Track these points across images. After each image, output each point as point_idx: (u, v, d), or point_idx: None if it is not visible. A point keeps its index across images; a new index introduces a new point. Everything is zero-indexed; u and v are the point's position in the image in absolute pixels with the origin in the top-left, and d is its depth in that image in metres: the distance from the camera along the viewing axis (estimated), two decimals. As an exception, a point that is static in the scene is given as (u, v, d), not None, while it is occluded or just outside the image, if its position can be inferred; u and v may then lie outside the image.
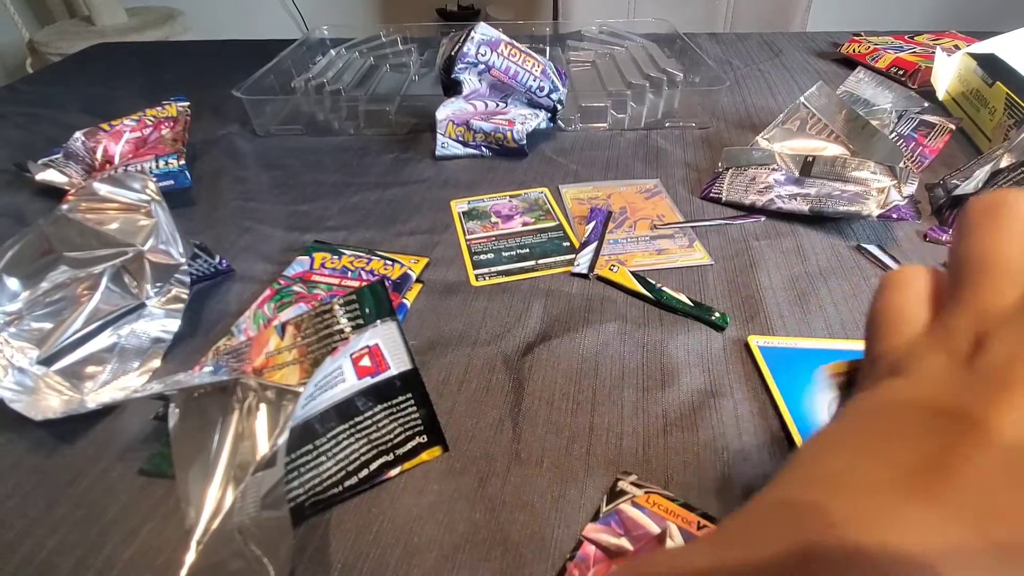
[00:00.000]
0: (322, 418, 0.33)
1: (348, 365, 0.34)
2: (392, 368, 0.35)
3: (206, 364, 0.39)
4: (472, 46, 0.63)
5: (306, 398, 0.31)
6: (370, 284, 0.38)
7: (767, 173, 0.56)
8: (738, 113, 0.75)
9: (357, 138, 0.71)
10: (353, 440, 0.33)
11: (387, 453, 0.33)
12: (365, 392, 0.34)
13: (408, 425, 0.34)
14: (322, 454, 0.32)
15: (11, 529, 0.30)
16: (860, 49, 0.87)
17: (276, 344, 0.37)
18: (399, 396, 0.34)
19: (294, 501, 0.31)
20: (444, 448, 0.34)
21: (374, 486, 0.32)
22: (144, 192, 0.44)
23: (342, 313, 0.37)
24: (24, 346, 0.38)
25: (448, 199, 0.58)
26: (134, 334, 0.40)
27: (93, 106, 0.80)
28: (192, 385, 0.33)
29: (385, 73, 0.85)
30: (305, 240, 0.52)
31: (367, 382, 0.34)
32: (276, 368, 0.36)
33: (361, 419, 0.33)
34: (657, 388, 0.37)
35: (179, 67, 0.96)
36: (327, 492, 0.31)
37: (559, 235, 0.52)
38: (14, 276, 0.40)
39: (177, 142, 0.63)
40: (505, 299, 0.45)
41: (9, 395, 0.35)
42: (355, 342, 0.34)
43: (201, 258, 0.45)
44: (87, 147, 0.62)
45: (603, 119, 0.71)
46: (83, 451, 0.34)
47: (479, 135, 0.64)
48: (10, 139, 0.72)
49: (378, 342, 0.35)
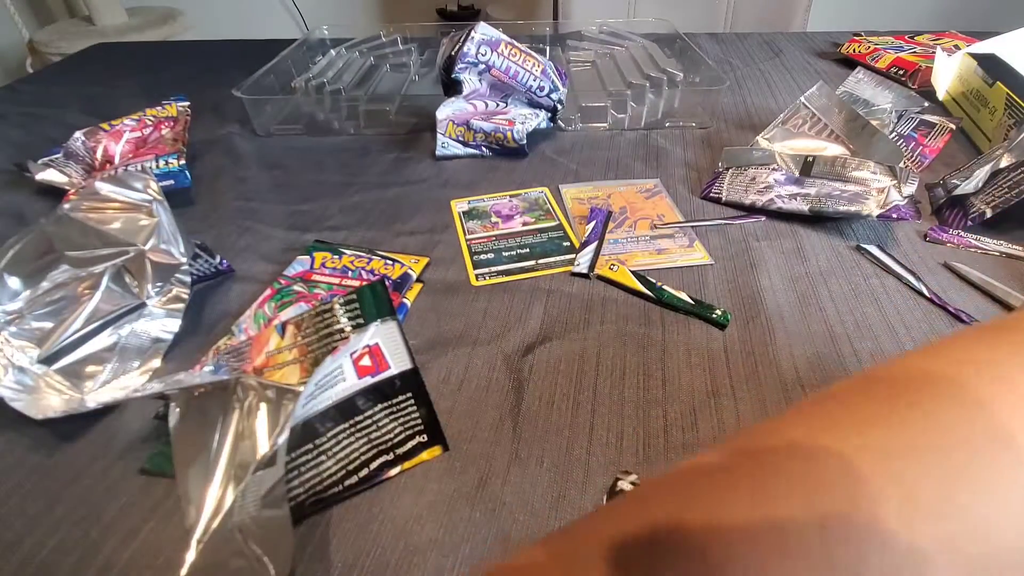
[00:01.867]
0: (322, 417, 0.33)
1: (348, 364, 0.34)
2: (392, 367, 0.35)
3: (206, 363, 0.39)
4: (472, 46, 0.63)
5: (306, 397, 0.31)
6: (370, 284, 0.38)
7: (767, 173, 0.56)
8: (738, 113, 0.75)
9: (357, 138, 0.71)
10: (353, 439, 0.33)
11: (387, 452, 0.33)
12: (365, 391, 0.34)
13: (408, 424, 0.34)
14: (322, 453, 0.32)
15: (11, 528, 0.30)
16: (860, 49, 0.87)
17: (276, 343, 0.37)
18: (399, 396, 0.34)
19: (295, 500, 0.31)
20: (444, 448, 0.34)
21: (374, 485, 0.32)
22: (146, 192, 0.44)
23: (342, 312, 0.37)
24: (25, 345, 0.38)
25: (448, 199, 0.58)
26: (134, 334, 0.40)
27: (93, 106, 0.80)
28: (193, 384, 0.33)
29: (385, 73, 0.85)
30: (305, 240, 0.52)
31: (367, 381, 0.34)
32: (276, 367, 0.36)
33: (361, 418, 0.33)
34: (657, 387, 0.37)
35: (179, 67, 0.96)
36: (328, 491, 0.31)
37: (559, 235, 0.52)
38: (15, 275, 0.40)
39: (177, 142, 0.63)
40: (505, 299, 0.45)
41: (9, 394, 0.35)
42: (355, 341, 0.34)
43: (202, 258, 0.45)
44: (87, 147, 0.62)
45: (603, 119, 0.71)
46: (84, 450, 0.34)
47: (479, 135, 0.64)
48: (10, 139, 0.72)
49: (378, 341, 0.35)
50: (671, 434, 0.34)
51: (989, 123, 0.62)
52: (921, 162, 0.60)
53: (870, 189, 0.51)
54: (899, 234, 0.51)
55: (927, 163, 0.60)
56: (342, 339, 0.36)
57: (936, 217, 0.53)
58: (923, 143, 0.61)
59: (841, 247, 0.49)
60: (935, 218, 0.53)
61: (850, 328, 0.41)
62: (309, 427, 0.32)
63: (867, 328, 0.41)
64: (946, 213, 0.53)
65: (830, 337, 0.41)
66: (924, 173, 0.59)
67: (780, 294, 0.44)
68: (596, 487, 0.32)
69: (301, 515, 0.31)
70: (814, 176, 0.55)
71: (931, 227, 0.51)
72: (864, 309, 0.43)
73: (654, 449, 0.34)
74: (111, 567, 0.29)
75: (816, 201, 0.52)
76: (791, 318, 0.42)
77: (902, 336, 0.40)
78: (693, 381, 0.38)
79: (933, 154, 0.60)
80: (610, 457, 0.33)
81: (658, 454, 0.33)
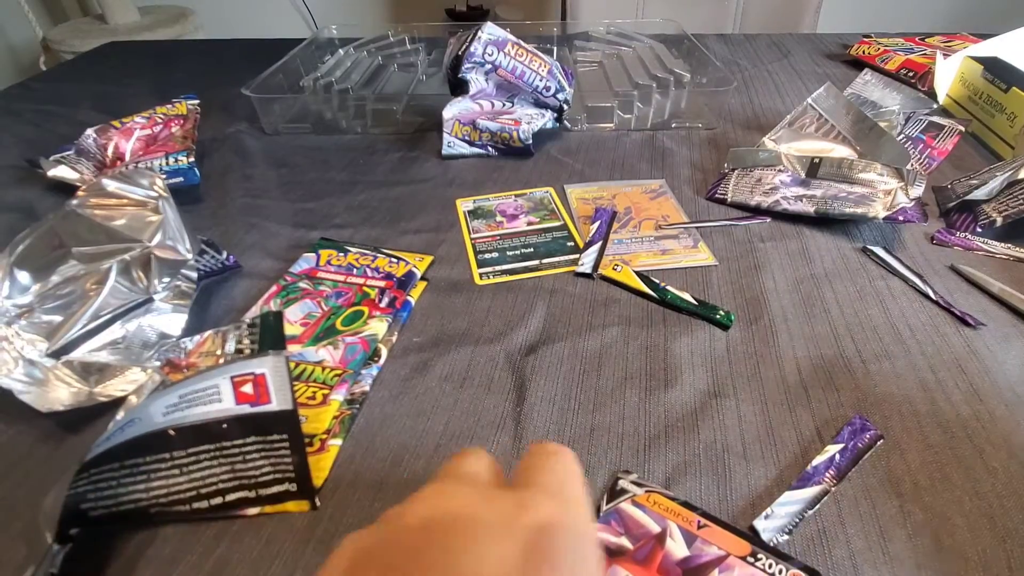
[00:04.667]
0: (186, 430, 0.31)
1: (227, 386, 0.32)
2: (274, 403, 0.32)
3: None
4: (479, 46, 0.63)
5: (168, 406, 0.30)
6: (265, 314, 0.38)
7: (773, 174, 0.56)
8: (745, 114, 0.74)
9: (364, 137, 0.71)
10: (216, 463, 0.31)
11: (249, 489, 0.31)
12: (241, 419, 0.31)
13: (279, 467, 0.32)
14: (176, 467, 0.31)
15: (21, 519, 0.31)
16: (870, 51, 0.86)
17: (209, 346, 0.37)
18: (275, 434, 0.32)
19: (135, 504, 0.30)
20: (312, 506, 0.31)
21: (225, 518, 0.31)
22: (152, 188, 0.45)
23: (247, 333, 0.37)
24: (34, 338, 0.38)
25: (454, 198, 0.58)
26: (141, 328, 0.40)
27: (104, 104, 0.81)
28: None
29: (393, 72, 0.85)
30: (312, 237, 0.52)
31: (244, 409, 0.32)
32: (193, 370, 0.36)
33: (229, 445, 0.31)
34: (659, 388, 0.37)
35: (189, 65, 0.96)
36: (172, 507, 0.30)
37: (564, 235, 0.52)
38: (25, 270, 0.40)
39: (187, 140, 0.63)
40: (509, 298, 0.45)
41: (19, 387, 0.35)
42: (241, 365, 0.32)
43: (208, 254, 0.45)
44: (98, 144, 0.63)
45: (609, 119, 0.71)
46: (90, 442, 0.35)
47: (485, 134, 0.64)
48: (23, 136, 0.73)
49: (266, 372, 0.32)
50: (672, 434, 0.34)
51: (1009, 129, 0.61)
52: (929, 164, 0.59)
53: (877, 191, 0.51)
54: (905, 236, 0.50)
55: (935, 165, 0.59)
56: (243, 358, 0.35)
57: (944, 220, 0.53)
58: (932, 145, 0.61)
59: (847, 249, 0.49)
60: (942, 221, 0.53)
61: (855, 330, 0.41)
62: (167, 436, 0.31)
63: (872, 330, 0.41)
64: (954, 217, 0.52)
65: (834, 339, 0.40)
66: (933, 175, 0.58)
67: (784, 295, 0.44)
68: (596, 487, 0.32)
69: (139, 522, 0.30)
70: (820, 178, 0.54)
71: (938, 229, 0.51)
72: (869, 311, 0.43)
73: (655, 450, 0.34)
74: (115, 558, 0.29)
75: (822, 203, 0.51)
76: (795, 320, 0.42)
77: (907, 339, 0.40)
78: (695, 382, 0.38)
79: (942, 156, 0.60)
80: (611, 457, 0.33)
81: (659, 455, 0.33)
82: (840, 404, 0.36)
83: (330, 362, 0.39)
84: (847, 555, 0.28)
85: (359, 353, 0.39)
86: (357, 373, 0.38)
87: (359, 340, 0.40)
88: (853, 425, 0.34)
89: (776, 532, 0.29)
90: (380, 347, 0.40)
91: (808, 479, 0.31)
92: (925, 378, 0.37)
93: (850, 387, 0.37)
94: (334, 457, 0.34)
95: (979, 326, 0.41)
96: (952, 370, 0.38)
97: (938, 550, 0.28)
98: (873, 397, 0.36)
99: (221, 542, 0.30)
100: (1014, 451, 0.33)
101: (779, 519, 0.30)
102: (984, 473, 0.32)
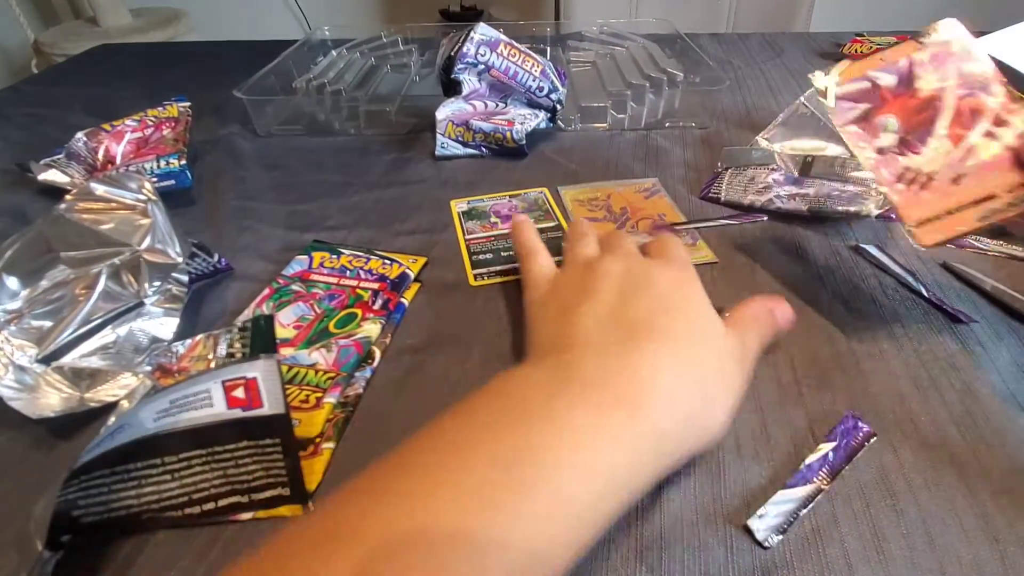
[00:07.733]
0: (178, 436, 0.31)
1: (219, 391, 0.32)
2: (266, 407, 0.32)
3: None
4: (471, 46, 0.63)
5: (158, 412, 0.30)
6: (257, 317, 0.37)
7: (766, 173, 0.56)
8: (738, 113, 0.74)
9: (357, 138, 0.71)
10: (208, 469, 0.31)
11: (242, 494, 0.31)
12: (232, 423, 0.31)
13: (272, 472, 0.32)
14: (168, 472, 0.30)
15: (12, 526, 0.31)
16: (863, 49, 0.86)
17: (200, 350, 0.37)
18: (267, 438, 0.32)
19: (127, 510, 0.30)
20: (305, 510, 0.31)
21: (218, 523, 0.31)
22: (141, 192, 0.45)
23: (238, 337, 0.37)
24: (24, 344, 0.38)
25: (447, 199, 0.58)
26: (132, 333, 0.40)
27: (95, 107, 0.80)
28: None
29: (386, 74, 0.85)
30: (305, 239, 0.52)
31: (236, 414, 0.31)
32: (184, 374, 0.36)
33: (221, 450, 0.31)
34: (653, 388, 0.37)
35: (181, 68, 0.96)
36: (164, 513, 0.30)
37: (558, 235, 0.52)
38: (14, 275, 0.40)
39: (178, 142, 0.63)
40: (504, 299, 0.45)
41: (10, 393, 0.35)
42: (232, 369, 0.32)
43: (200, 257, 0.45)
44: (89, 147, 0.63)
45: (603, 119, 0.71)
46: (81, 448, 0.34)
47: (479, 135, 0.64)
48: (13, 139, 0.73)
49: (257, 376, 0.32)
50: (667, 434, 0.34)
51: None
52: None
53: (869, 189, 0.51)
54: (898, 234, 0.50)
55: (928, 163, 0.59)
56: (234, 363, 0.35)
57: (936, 217, 0.53)
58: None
59: (840, 247, 0.49)
60: (935, 218, 0.53)
61: (848, 328, 0.41)
62: (159, 442, 0.31)
63: (865, 328, 0.41)
64: (946, 213, 0.52)
65: (828, 337, 0.40)
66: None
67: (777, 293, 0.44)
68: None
69: (130, 528, 0.30)
70: (813, 176, 0.55)
71: (931, 227, 0.51)
72: (862, 309, 0.43)
73: (649, 449, 0.34)
74: (107, 565, 0.29)
75: (815, 201, 0.51)
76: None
77: (900, 336, 0.40)
78: (689, 381, 0.38)
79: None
80: (605, 457, 0.33)
81: (653, 454, 0.33)
82: (833, 401, 0.36)
83: (323, 365, 0.39)
84: (841, 554, 0.28)
85: (352, 356, 0.39)
86: (350, 376, 0.38)
87: (352, 342, 0.40)
88: (846, 423, 0.34)
89: (770, 532, 0.29)
90: (374, 349, 0.40)
91: (802, 478, 0.31)
92: (918, 375, 0.37)
93: (843, 385, 0.37)
94: (327, 461, 0.33)
95: (972, 323, 0.41)
96: (945, 368, 0.38)
97: (932, 548, 0.28)
98: (866, 395, 0.36)
99: (214, 548, 0.30)
100: (1007, 449, 0.33)
101: (773, 518, 0.30)
102: (977, 470, 0.32)
